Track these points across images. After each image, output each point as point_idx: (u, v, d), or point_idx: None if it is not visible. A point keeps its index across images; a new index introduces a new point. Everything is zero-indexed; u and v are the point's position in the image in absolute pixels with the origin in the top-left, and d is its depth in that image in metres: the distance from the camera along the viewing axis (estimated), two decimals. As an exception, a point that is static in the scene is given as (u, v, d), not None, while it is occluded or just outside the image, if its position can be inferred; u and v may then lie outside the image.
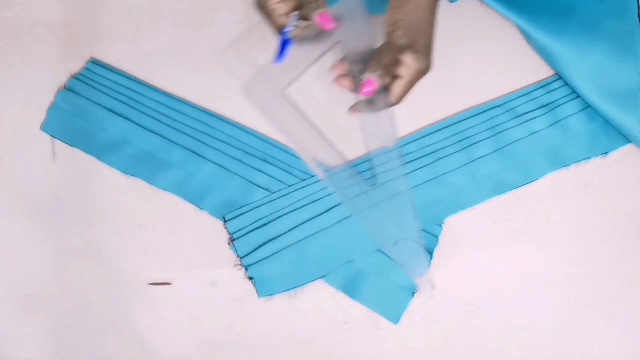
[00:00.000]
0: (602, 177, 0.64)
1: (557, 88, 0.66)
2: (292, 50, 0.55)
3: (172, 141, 0.66)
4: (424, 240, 0.63)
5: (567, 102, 0.66)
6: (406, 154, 0.64)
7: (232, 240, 0.64)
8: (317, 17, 0.51)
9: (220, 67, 0.68)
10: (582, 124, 0.65)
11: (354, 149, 0.64)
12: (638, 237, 0.63)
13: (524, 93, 0.66)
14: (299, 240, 0.63)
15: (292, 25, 0.52)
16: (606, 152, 0.64)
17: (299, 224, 0.64)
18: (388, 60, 0.51)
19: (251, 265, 0.63)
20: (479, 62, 0.60)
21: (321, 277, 0.63)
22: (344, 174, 0.64)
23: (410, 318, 0.62)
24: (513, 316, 0.62)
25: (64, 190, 0.66)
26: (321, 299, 0.63)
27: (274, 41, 0.56)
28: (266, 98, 0.65)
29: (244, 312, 0.63)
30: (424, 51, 0.51)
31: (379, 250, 0.63)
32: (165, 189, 0.65)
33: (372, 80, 0.51)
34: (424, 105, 0.64)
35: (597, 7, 0.64)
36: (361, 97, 0.53)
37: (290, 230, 0.64)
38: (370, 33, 0.57)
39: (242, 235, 0.64)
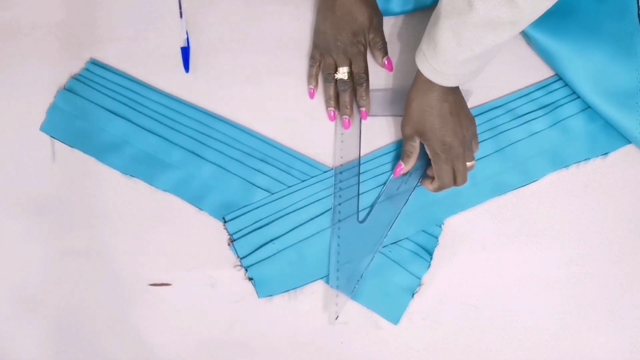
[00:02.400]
0: (602, 178, 0.64)
1: (557, 89, 0.66)
2: (388, 100, 0.67)
3: (171, 142, 0.66)
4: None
5: (567, 102, 0.66)
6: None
7: (232, 241, 0.64)
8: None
9: (217, 66, 0.69)
10: (582, 124, 0.65)
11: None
12: (638, 237, 0.63)
13: (524, 94, 0.66)
14: (299, 241, 0.63)
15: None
16: (606, 153, 0.64)
17: (299, 225, 0.64)
18: (407, 147, 0.62)
19: (251, 266, 0.63)
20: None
21: (321, 278, 0.63)
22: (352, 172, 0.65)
23: (410, 318, 0.62)
24: (513, 316, 0.62)
25: (64, 191, 0.66)
26: (321, 300, 0.63)
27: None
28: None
29: (244, 313, 0.63)
30: (427, 138, 0.60)
31: (378, 250, 0.63)
32: (165, 190, 0.65)
33: (401, 165, 0.62)
34: (424, 106, 0.64)
35: (597, 8, 0.64)
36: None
37: (290, 231, 0.64)
38: None
39: (242, 236, 0.64)
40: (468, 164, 0.61)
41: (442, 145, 0.59)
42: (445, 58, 0.54)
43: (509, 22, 0.49)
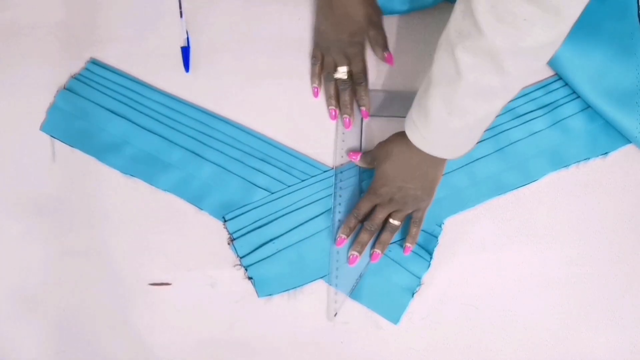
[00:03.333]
0: (602, 178, 0.64)
1: (557, 89, 0.66)
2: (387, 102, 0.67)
3: (172, 142, 0.66)
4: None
5: (567, 102, 0.66)
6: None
7: (232, 240, 0.64)
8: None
9: (217, 66, 0.69)
10: (582, 124, 0.65)
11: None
12: (638, 237, 0.63)
13: (524, 93, 0.66)
14: (299, 241, 0.63)
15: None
16: (606, 153, 0.64)
17: (299, 225, 0.64)
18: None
19: (251, 265, 0.63)
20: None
21: (321, 278, 0.63)
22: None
23: (410, 318, 0.62)
24: (513, 316, 0.62)
25: (64, 191, 0.66)
26: (321, 299, 0.63)
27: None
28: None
29: (243, 313, 0.63)
30: (377, 166, 0.61)
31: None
32: (165, 190, 0.65)
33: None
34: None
35: (597, 8, 0.64)
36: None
37: (290, 230, 0.63)
38: None
39: (242, 235, 0.64)
40: (392, 220, 0.61)
41: (375, 182, 0.61)
42: (436, 127, 0.53)
43: (500, 88, 0.48)
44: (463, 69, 0.47)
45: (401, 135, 0.59)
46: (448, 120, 0.51)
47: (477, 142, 0.57)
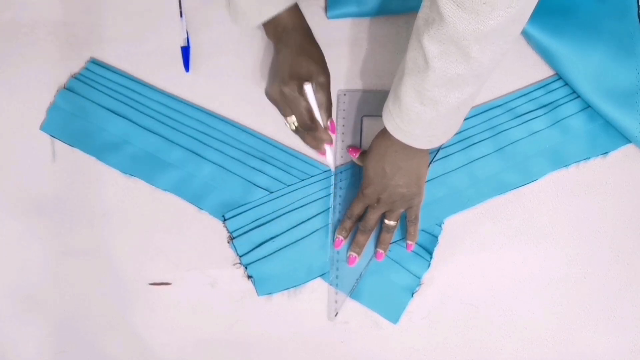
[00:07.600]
0: (602, 177, 0.64)
1: (557, 88, 0.66)
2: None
3: (172, 141, 0.66)
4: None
5: (567, 102, 0.66)
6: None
7: (231, 238, 0.64)
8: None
9: (217, 66, 0.69)
10: (582, 124, 0.65)
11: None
12: (638, 237, 0.63)
13: (524, 93, 0.66)
14: (298, 240, 0.63)
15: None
16: (606, 152, 0.64)
17: (299, 224, 0.64)
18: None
19: (251, 263, 0.63)
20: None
21: (320, 276, 0.63)
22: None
23: (410, 318, 0.62)
24: (513, 316, 0.62)
25: (64, 190, 0.66)
26: (321, 299, 0.63)
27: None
28: (348, 109, 0.67)
29: (243, 312, 0.63)
30: (365, 167, 0.61)
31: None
32: (165, 189, 0.65)
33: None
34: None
35: (597, 7, 0.64)
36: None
37: (289, 229, 0.64)
38: None
39: (242, 234, 0.64)
40: (387, 221, 0.61)
41: (362, 183, 0.61)
42: (410, 118, 0.52)
43: (469, 75, 0.48)
44: (430, 57, 0.47)
45: (381, 133, 0.59)
46: (421, 111, 0.51)
47: (456, 132, 0.56)
